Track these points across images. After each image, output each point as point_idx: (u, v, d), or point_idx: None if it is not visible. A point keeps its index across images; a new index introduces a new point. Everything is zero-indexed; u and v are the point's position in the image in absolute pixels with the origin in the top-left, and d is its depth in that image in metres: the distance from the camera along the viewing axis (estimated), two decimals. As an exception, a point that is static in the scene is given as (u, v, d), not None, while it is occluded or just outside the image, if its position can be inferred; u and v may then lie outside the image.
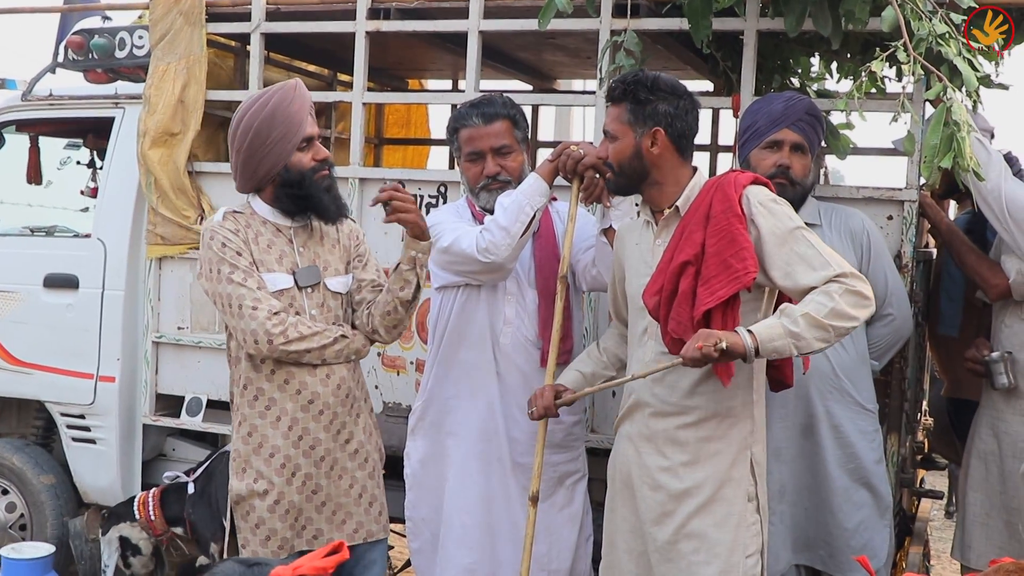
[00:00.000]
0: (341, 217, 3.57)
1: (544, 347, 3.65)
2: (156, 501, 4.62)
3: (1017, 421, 3.92)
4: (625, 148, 3.19)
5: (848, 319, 2.93)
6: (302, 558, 2.37)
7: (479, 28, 4.40)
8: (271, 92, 3.45)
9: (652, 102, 3.15)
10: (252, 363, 3.44)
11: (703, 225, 3.07)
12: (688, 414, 3.14)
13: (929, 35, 3.47)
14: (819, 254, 2.99)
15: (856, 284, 2.94)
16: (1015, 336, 3.95)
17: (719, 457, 3.12)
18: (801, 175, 3.70)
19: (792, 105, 3.73)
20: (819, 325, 2.89)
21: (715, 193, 3.09)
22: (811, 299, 2.93)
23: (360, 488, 3.55)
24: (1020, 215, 3.72)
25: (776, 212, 3.06)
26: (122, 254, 5.03)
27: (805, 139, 3.69)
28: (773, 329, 2.91)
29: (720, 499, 3.11)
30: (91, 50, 5.08)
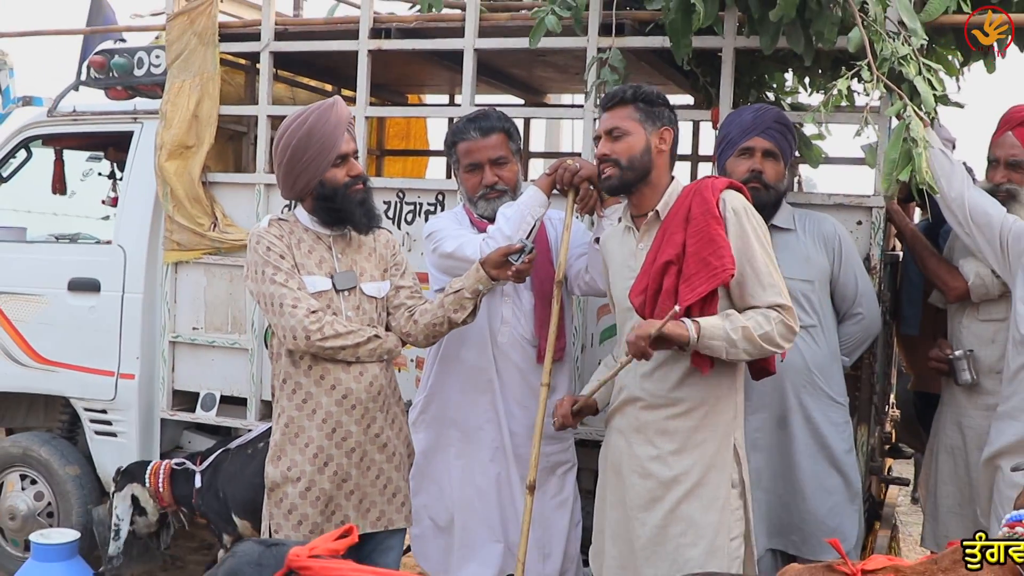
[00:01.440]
0: (372, 228, 3.57)
1: (540, 345, 3.66)
2: (166, 477, 4.61)
3: (979, 415, 3.92)
4: (637, 143, 3.22)
5: (775, 346, 3.07)
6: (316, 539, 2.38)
7: (474, 46, 4.41)
8: (309, 111, 3.45)
9: (661, 106, 3.25)
10: (291, 359, 3.45)
11: (683, 227, 3.08)
12: (677, 405, 3.15)
13: (892, 55, 3.49)
14: (771, 276, 3.09)
15: (790, 319, 3.07)
16: (974, 335, 3.95)
17: (705, 445, 3.14)
18: (774, 179, 3.70)
19: (761, 115, 3.75)
20: (752, 341, 3.01)
21: (694, 197, 3.11)
22: (753, 316, 3.04)
23: (386, 480, 3.55)
24: (982, 220, 3.72)
25: (744, 223, 3.09)
26: (141, 259, 5.03)
27: (776, 145, 3.69)
28: (716, 328, 3.00)
29: (706, 484, 3.13)
30: (112, 69, 5.10)
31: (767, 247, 3.11)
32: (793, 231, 3.77)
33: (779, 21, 3.64)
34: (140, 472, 4.70)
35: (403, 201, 4.58)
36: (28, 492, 5.28)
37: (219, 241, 4.82)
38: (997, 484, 3.61)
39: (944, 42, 4.16)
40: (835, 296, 3.81)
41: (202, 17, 4.81)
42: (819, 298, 3.74)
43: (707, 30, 3.92)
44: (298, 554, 2.26)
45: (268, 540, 2.61)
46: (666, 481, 3.14)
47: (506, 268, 3.37)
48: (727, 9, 3.89)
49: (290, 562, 2.25)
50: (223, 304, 4.90)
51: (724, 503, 3.13)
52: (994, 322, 3.88)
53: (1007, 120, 3.96)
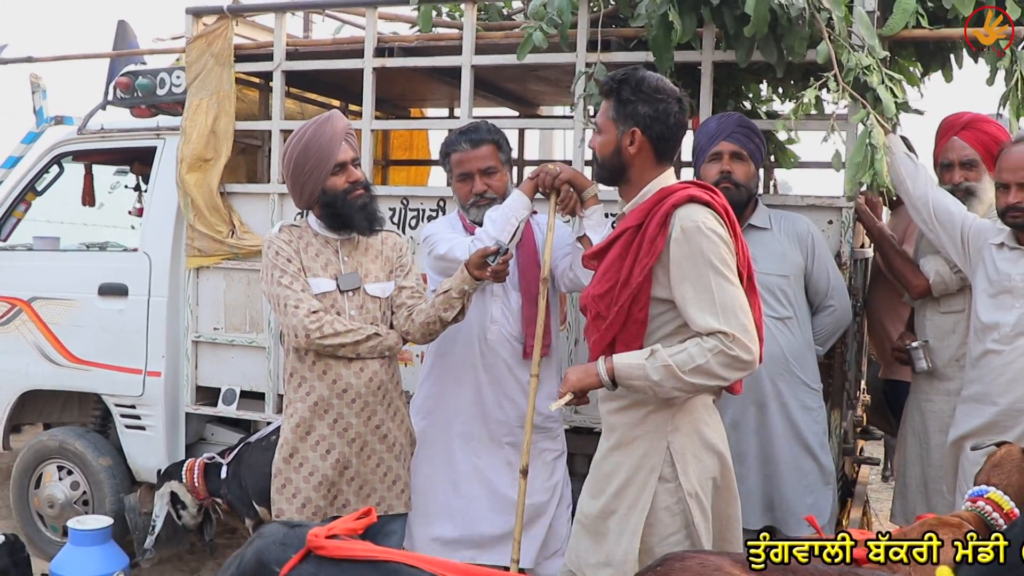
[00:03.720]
0: (373, 231, 3.57)
1: (527, 342, 3.64)
2: (201, 472, 4.63)
3: (940, 400, 3.92)
4: (608, 143, 2.94)
5: (713, 378, 2.72)
6: (335, 521, 2.38)
7: (471, 63, 4.40)
8: (307, 126, 3.48)
9: (633, 102, 2.88)
10: (297, 355, 3.47)
11: (635, 243, 2.83)
12: (617, 400, 2.93)
13: (856, 66, 3.48)
14: (714, 300, 2.72)
15: (735, 348, 2.70)
16: (935, 327, 3.95)
17: (636, 443, 2.88)
18: (744, 178, 3.71)
19: (723, 121, 3.77)
20: (677, 378, 2.71)
21: (655, 214, 2.81)
22: (685, 348, 2.73)
23: (386, 468, 3.55)
24: (945, 218, 3.72)
25: (689, 244, 2.74)
26: (165, 265, 5.03)
27: (741, 147, 3.71)
28: (634, 370, 2.75)
29: (632, 484, 2.86)
30: (136, 90, 5.11)
31: (717, 267, 2.73)
32: (769, 230, 3.79)
33: (753, 36, 3.64)
34: (177, 470, 4.73)
35: (407, 208, 4.57)
36: (65, 482, 5.29)
37: (237, 247, 4.81)
38: (961, 463, 3.60)
39: (905, 54, 4.16)
40: (809, 290, 3.82)
41: (219, 40, 4.80)
42: (794, 292, 3.75)
43: (687, 45, 3.93)
44: (317, 534, 2.26)
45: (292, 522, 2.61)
46: (606, 474, 2.94)
47: (485, 269, 3.35)
48: (705, 26, 3.88)
49: (310, 542, 2.24)
50: (241, 305, 4.90)
51: (645, 504, 2.83)
52: (953, 314, 3.89)
53: (949, 126, 3.99)
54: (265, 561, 2.25)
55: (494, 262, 3.33)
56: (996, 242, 3.59)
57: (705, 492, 2.86)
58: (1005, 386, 3.47)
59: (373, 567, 2.22)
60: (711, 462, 2.89)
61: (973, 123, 3.93)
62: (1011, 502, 2.63)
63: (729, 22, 3.70)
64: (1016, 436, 3.31)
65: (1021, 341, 3.45)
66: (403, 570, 2.22)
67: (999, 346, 3.49)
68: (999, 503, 2.63)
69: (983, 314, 3.57)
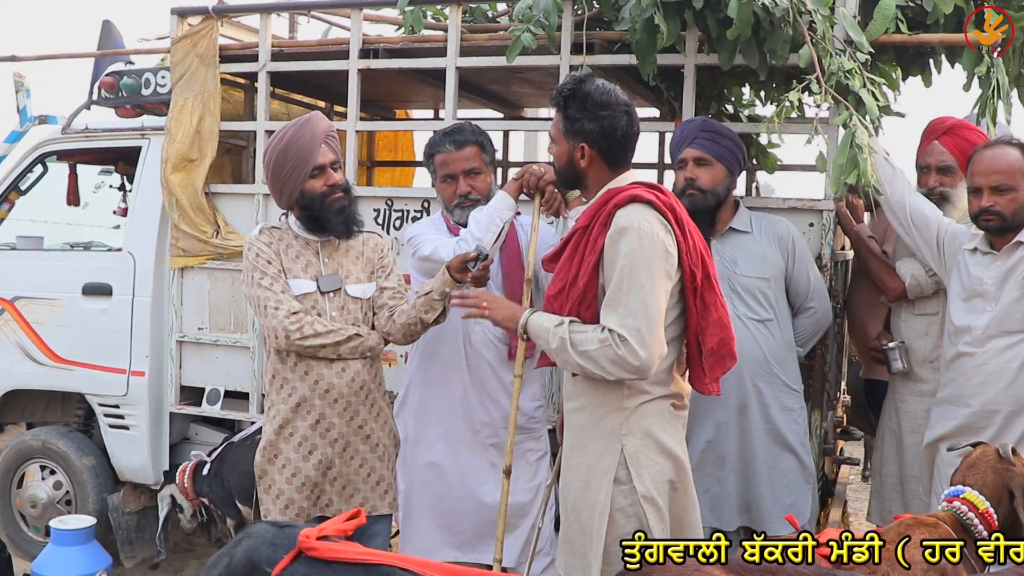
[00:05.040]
0: (350, 235, 3.56)
1: (512, 343, 3.64)
2: (190, 473, 4.65)
3: (914, 400, 3.97)
4: (561, 155, 2.98)
5: (597, 367, 2.76)
6: (326, 522, 2.37)
7: (456, 64, 4.41)
8: (287, 127, 3.47)
9: (579, 120, 2.89)
10: (279, 356, 3.47)
11: (582, 244, 2.87)
12: (574, 400, 2.96)
13: (838, 70, 3.51)
14: (620, 300, 2.73)
15: (622, 349, 2.71)
16: (909, 329, 4.01)
17: (591, 445, 2.88)
18: (709, 184, 3.70)
19: (686, 128, 3.79)
20: (568, 353, 2.78)
21: (600, 215, 2.85)
22: (588, 331, 2.78)
23: (369, 468, 3.55)
24: (921, 222, 3.77)
25: (621, 244, 2.75)
26: (149, 265, 5.01)
27: (705, 152, 3.69)
28: (541, 330, 2.90)
29: (590, 486, 2.87)
30: (121, 89, 5.09)
31: (635, 270, 2.73)
32: (750, 233, 3.80)
33: (736, 39, 3.66)
34: (174, 473, 4.75)
35: (391, 208, 4.58)
36: (47, 482, 5.28)
37: (221, 247, 4.81)
38: (937, 464, 3.64)
39: (886, 59, 4.19)
40: (789, 292, 3.83)
41: (204, 40, 4.80)
42: (774, 294, 3.77)
43: (670, 48, 3.94)
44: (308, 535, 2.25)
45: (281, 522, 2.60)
46: (568, 478, 2.96)
47: (466, 272, 3.36)
48: (688, 29, 3.90)
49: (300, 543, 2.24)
50: (225, 306, 4.89)
51: (604, 507, 2.82)
52: (927, 316, 3.94)
53: (932, 130, 4.04)
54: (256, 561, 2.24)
55: (474, 267, 3.34)
56: (970, 247, 3.63)
57: (661, 495, 2.86)
58: (977, 388, 3.51)
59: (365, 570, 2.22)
60: (666, 465, 2.88)
61: (954, 129, 3.98)
62: (986, 502, 2.67)
63: (712, 25, 3.72)
64: (989, 437, 3.35)
65: (993, 344, 3.49)
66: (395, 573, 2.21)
67: (971, 348, 3.54)
68: (974, 503, 2.67)
69: (956, 317, 3.61)
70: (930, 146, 4.02)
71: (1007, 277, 3.50)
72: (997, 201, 3.49)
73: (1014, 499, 2.69)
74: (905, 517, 2.69)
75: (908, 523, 2.62)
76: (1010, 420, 3.45)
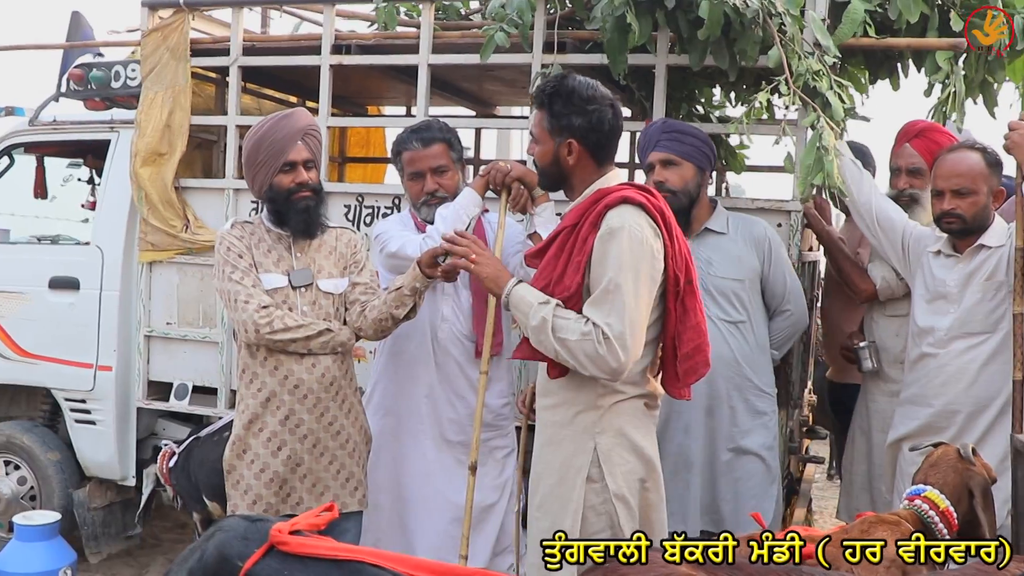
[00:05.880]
0: (308, 235, 3.52)
1: (478, 341, 3.65)
2: (165, 460, 4.59)
3: (883, 400, 4.01)
4: (546, 153, 2.93)
5: (572, 358, 2.74)
6: (298, 516, 2.36)
7: (428, 62, 4.40)
8: (268, 118, 3.47)
9: (567, 115, 2.85)
10: (249, 351, 3.46)
11: (570, 243, 2.85)
12: (548, 397, 2.94)
13: (807, 71, 3.54)
14: (607, 301, 2.71)
15: (603, 348, 2.69)
16: (881, 329, 4.05)
17: (564, 443, 2.87)
18: (679, 184, 3.69)
19: (648, 132, 3.80)
20: (547, 336, 2.75)
21: (589, 215, 2.83)
22: (571, 318, 2.76)
23: (339, 465, 3.53)
24: (887, 224, 3.81)
25: (612, 245, 2.74)
26: (117, 259, 4.98)
27: (671, 153, 3.69)
28: (523, 304, 2.83)
29: (563, 483, 2.85)
30: (90, 82, 5.03)
31: (625, 272, 2.72)
32: (726, 234, 3.79)
33: (706, 40, 3.68)
34: (156, 455, 4.71)
35: (362, 205, 4.57)
36: (12, 477, 5.22)
37: (191, 242, 4.78)
38: (899, 463, 3.68)
39: (854, 62, 4.23)
40: (765, 294, 3.83)
41: (175, 33, 4.76)
42: (748, 296, 3.76)
43: (641, 48, 3.96)
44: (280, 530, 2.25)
45: (254, 516, 2.59)
46: (539, 473, 2.94)
47: (437, 268, 3.35)
48: (659, 29, 3.91)
49: (273, 537, 2.23)
50: (194, 300, 4.87)
51: (578, 504, 2.82)
52: (898, 317, 3.98)
53: (905, 133, 4.09)
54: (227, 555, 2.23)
55: (444, 262, 3.34)
56: (934, 249, 3.68)
57: (632, 493, 2.86)
58: (939, 388, 3.56)
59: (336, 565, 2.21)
60: (637, 464, 2.88)
61: (925, 132, 4.03)
62: (946, 500, 2.71)
63: (683, 26, 3.74)
64: (950, 436, 3.40)
65: (955, 345, 3.54)
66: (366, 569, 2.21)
67: (934, 349, 3.58)
68: (935, 501, 2.71)
69: (920, 318, 3.66)
70: (902, 149, 4.08)
71: (969, 279, 3.55)
72: (958, 204, 3.54)
73: (973, 498, 2.74)
74: (868, 515, 2.73)
75: (871, 521, 2.65)
76: (970, 420, 3.50)
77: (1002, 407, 3.44)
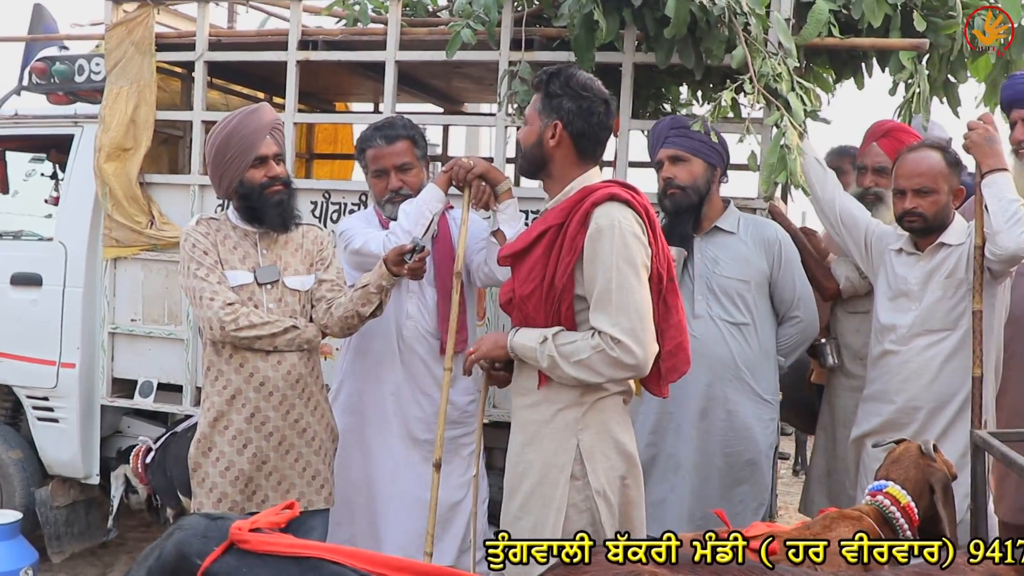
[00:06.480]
0: (286, 228, 3.52)
1: (443, 339, 3.63)
2: (141, 458, 4.55)
3: (845, 395, 4.05)
4: (531, 134, 2.94)
5: (595, 374, 2.76)
6: (258, 514, 2.35)
7: (395, 58, 4.39)
8: (234, 114, 3.45)
9: (559, 96, 2.87)
10: (214, 348, 3.44)
11: (558, 242, 2.83)
12: (529, 395, 2.93)
13: (770, 72, 3.56)
14: (611, 300, 2.73)
15: (617, 351, 2.72)
16: (843, 326, 4.11)
17: (546, 441, 2.86)
18: (688, 180, 3.68)
19: (658, 128, 3.81)
20: (561, 368, 2.77)
21: (576, 213, 2.82)
22: (575, 340, 2.77)
23: (305, 463, 3.52)
24: (850, 222, 3.84)
25: (601, 243, 2.75)
26: (81, 255, 4.92)
27: (679, 149, 3.68)
28: (527, 351, 2.85)
29: (545, 481, 2.84)
30: (53, 75, 4.99)
31: (622, 268, 2.73)
32: (735, 234, 3.76)
33: (673, 38, 3.70)
34: (128, 454, 4.65)
35: (329, 201, 4.56)
36: (-28, 476, 5.14)
37: (156, 238, 4.74)
38: (863, 459, 3.71)
39: (820, 62, 4.26)
40: (774, 299, 3.78)
41: (139, 28, 4.72)
42: (754, 298, 3.71)
43: (608, 46, 3.97)
44: (240, 527, 2.23)
45: (214, 514, 2.57)
46: (520, 473, 2.92)
47: (403, 265, 3.35)
48: (626, 27, 3.92)
49: (232, 535, 2.22)
50: (160, 297, 4.83)
51: (561, 502, 2.81)
52: (859, 314, 4.03)
53: (872, 132, 4.14)
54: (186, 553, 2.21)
55: (411, 259, 3.33)
56: (896, 247, 3.72)
57: (613, 491, 2.86)
58: (901, 385, 3.59)
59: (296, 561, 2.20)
60: (619, 461, 2.88)
61: (892, 132, 4.07)
62: (908, 496, 2.75)
63: (650, 24, 3.75)
64: (912, 432, 3.44)
65: (916, 342, 3.57)
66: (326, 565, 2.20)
67: (896, 346, 3.61)
68: (897, 497, 2.74)
69: (882, 316, 3.69)
70: (869, 147, 4.12)
71: (930, 277, 3.59)
72: (920, 203, 3.57)
73: (934, 494, 2.77)
74: (831, 511, 2.75)
75: (833, 516, 2.68)
76: (932, 416, 3.54)
77: (962, 403, 3.47)
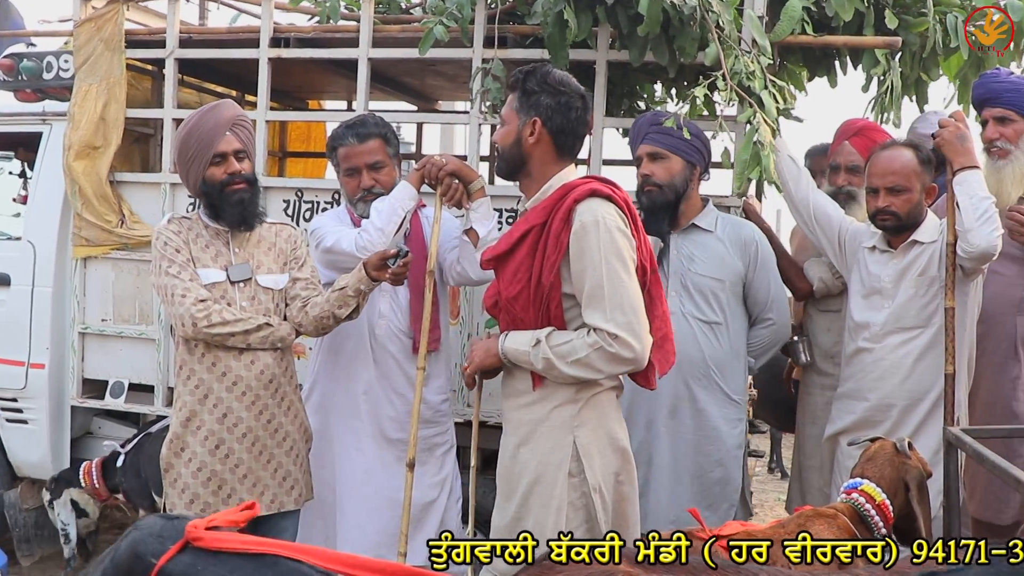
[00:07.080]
0: (245, 227, 3.47)
1: (416, 337, 3.61)
2: (99, 471, 4.54)
3: (817, 393, 4.07)
4: (509, 134, 2.89)
5: (594, 371, 2.75)
6: (217, 513, 2.32)
7: (368, 56, 4.36)
8: (192, 114, 3.43)
9: (537, 93, 2.85)
10: (187, 347, 3.40)
11: (542, 241, 2.80)
12: (523, 396, 2.89)
13: (743, 70, 3.56)
14: (604, 296, 2.71)
15: (615, 346, 2.71)
16: (814, 324, 4.12)
17: (542, 439, 2.83)
18: (665, 178, 3.65)
19: (638, 125, 3.79)
20: (558, 368, 2.75)
21: (559, 210, 2.79)
22: (571, 339, 2.75)
23: (277, 464, 3.48)
24: (824, 221, 3.85)
25: (588, 239, 2.73)
26: (50, 254, 4.87)
27: (657, 146, 3.66)
28: (521, 355, 2.82)
29: (543, 480, 2.81)
30: (21, 72, 4.94)
31: (611, 262, 2.72)
32: (712, 232, 3.73)
33: (646, 36, 3.70)
34: (73, 477, 4.62)
35: (301, 199, 4.52)
36: (-60, 478, 5.08)
37: (126, 237, 4.69)
38: (837, 457, 3.72)
39: (793, 59, 4.27)
40: (748, 300, 3.76)
41: (109, 24, 4.67)
42: (727, 298, 3.68)
43: (582, 43, 3.96)
44: (196, 526, 2.20)
45: (171, 514, 2.55)
46: (516, 475, 2.88)
47: (384, 270, 3.32)
48: (600, 25, 3.92)
49: (188, 533, 2.19)
50: (131, 297, 4.78)
51: (560, 501, 2.80)
52: (831, 313, 4.05)
53: (844, 131, 4.15)
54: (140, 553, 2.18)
55: (394, 264, 3.29)
56: (869, 245, 3.73)
57: (607, 487, 2.85)
58: (874, 383, 3.60)
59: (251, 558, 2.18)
60: (614, 458, 2.86)
61: (864, 130, 4.08)
62: (883, 494, 2.75)
63: (623, 22, 3.74)
64: (886, 430, 3.46)
65: (890, 339, 3.58)
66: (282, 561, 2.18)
67: (869, 344, 3.62)
68: (872, 495, 2.74)
69: (855, 314, 3.70)
70: (841, 146, 4.13)
71: (903, 275, 3.60)
72: (893, 202, 3.58)
73: (909, 491, 2.78)
74: (806, 509, 2.75)
75: (808, 514, 2.68)
76: (905, 414, 3.55)
77: (936, 400, 3.49)
